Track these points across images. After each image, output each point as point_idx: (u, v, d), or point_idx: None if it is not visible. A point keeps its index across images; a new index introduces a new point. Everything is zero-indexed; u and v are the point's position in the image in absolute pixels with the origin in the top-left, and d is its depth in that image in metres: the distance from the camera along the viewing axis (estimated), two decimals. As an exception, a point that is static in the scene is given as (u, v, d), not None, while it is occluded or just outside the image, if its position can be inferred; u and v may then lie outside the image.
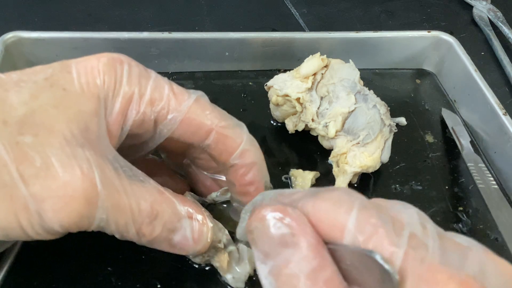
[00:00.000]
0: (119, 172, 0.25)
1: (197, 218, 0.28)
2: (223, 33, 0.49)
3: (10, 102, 0.24)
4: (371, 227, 0.19)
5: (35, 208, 0.22)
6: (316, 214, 0.20)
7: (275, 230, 0.20)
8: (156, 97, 0.27)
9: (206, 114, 0.29)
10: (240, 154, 0.29)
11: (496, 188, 0.40)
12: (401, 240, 0.19)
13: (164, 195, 0.27)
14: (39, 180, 0.22)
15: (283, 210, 0.20)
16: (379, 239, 0.19)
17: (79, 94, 0.25)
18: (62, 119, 0.24)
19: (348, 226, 0.19)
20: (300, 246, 0.19)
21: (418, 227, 0.19)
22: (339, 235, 0.19)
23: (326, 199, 0.20)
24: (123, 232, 0.25)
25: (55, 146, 0.23)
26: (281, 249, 0.20)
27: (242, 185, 0.30)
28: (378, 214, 0.19)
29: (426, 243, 0.19)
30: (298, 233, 0.20)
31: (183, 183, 0.36)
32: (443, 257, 0.19)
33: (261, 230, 0.21)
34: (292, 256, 0.19)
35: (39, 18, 0.54)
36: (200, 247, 0.29)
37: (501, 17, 0.62)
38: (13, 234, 0.23)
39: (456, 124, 0.47)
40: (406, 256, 0.18)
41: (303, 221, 0.20)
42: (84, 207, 0.23)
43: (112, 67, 0.27)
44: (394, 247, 0.18)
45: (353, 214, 0.19)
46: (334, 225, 0.20)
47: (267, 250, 0.20)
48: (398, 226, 0.19)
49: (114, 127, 0.27)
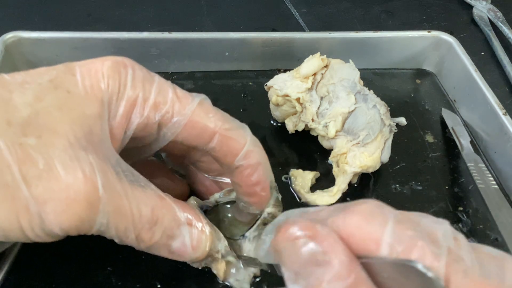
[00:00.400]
0: (121, 177, 0.25)
1: (197, 225, 0.28)
2: (223, 33, 0.49)
3: (14, 103, 0.24)
4: (409, 238, 0.19)
5: (36, 210, 0.22)
6: (347, 229, 0.20)
7: (305, 248, 0.19)
8: (160, 101, 0.28)
9: (209, 117, 0.29)
10: (244, 155, 0.29)
11: (496, 188, 0.40)
12: (441, 251, 0.18)
13: (165, 201, 0.27)
14: (41, 182, 0.22)
15: (312, 228, 0.20)
16: (419, 249, 0.18)
17: (83, 97, 0.25)
18: (65, 121, 0.24)
19: (385, 238, 0.19)
20: (333, 264, 0.19)
21: (451, 240, 0.19)
22: (374, 247, 0.19)
23: (356, 212, 0.20)
24: (122, 237, 0.25)
25: (59, 148, 0.23)
26: (313, 268, 0.19)
27: (248, 186, 0.30)
28: (414, 227, 0.19)
29: (463, 257, 0.18)
30: (329, 251, 0.19)
31: (183, 184, 0.36)
32: (482, 269, 0.18)
33: (290, 250, 0.20)
34: (324, 275, 0.19)
35: (39, 18, 0.54)
36: (198, 254, 0.28)
37: (501, 17, 0.62)
38: (12, 235, 0.23)
39: (456, 124, 0.47)
40: (449, 267, 0.18)
41: (334, 238, 0.19)
42: (85, 210, 0.23)
43: (116, 71, 0.27)
44: (436, 256, 0.18)
45: (389, 226, 0.19)
46: (368, 238, 0.19)
47: (297, 269, 0.20)
48: (434, 239, 0.19)
49: (117, 130, 0.27)
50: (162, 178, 0.35)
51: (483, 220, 0.40)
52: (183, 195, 0.35)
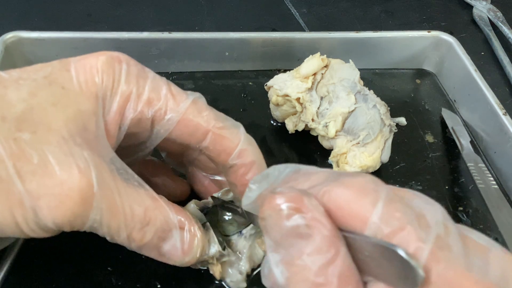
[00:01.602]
0: (115, 174, 0.25)
1: (189, 229, 0.28)
2: (223, 33, 0.49)
3: (8, 99, 0.24)
4: (397, 221, 0.18)
5: (31, 204, 0.22)
6: (337, 202, 0.19)
7: (289, 221, 0.19)
8: (153, 97, 0.28)
9: (203, 115, 0.29)
10: (238, 154, 0.29)
11: (496, 188, 0.40)
12: (428, 237, 0.18)
13: (158, 202, 0.27)
14: (35, 177, 0.22)
15: (299, 200, 0.19)
16: (405, 234, 0.18)
17: (77, 93, 0.25)
18: (60, 117, 0.24)
19: (373, 218, 0.18)
20: (314, 238, 0.19)
21: (441, 226, 0.19)
22: (361, 225, 0.19)
23: (349, 186, 0.19)
24: (114, 235, 0.25)
25: (53, 144, 0.23)
26: (295, 240, 0.19)
27: (243, 185, 0.30)
28: (404, 209, 0.19)
29: (450, 244, 0.18)
30: (313, 225, 0.19)
31: (184, 184, 0.36)
32: (467, 260, 0.18)
33: (274, 219, 0.20)
34: (305, 248, 0.19)
35: (39, 18, 0.54)
36: (188, 259, 0.28)
37: (501, 17, 0.62)
38: (7, 230, 0.23)
39: (456, 124, 0.47)
40: (432, 255, 0.18)
41: (319, 212, 0.19)
42: (79, 206, 0.23)
43: (110, 66, 0.27)
44: (421, 243, 0.18)
45: (378, 205, 0.19)
46: (356, 215, 0.19)
47: (279, 240, 0.20)
48: (423, 223, 0.19)
49: (112, 126, 0.27)
50: (163, 177, 0.35)
51: (483, 220, 0.40)
52: (184, 194, 0.35)
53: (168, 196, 0.29)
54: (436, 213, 0.19)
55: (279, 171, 0.23)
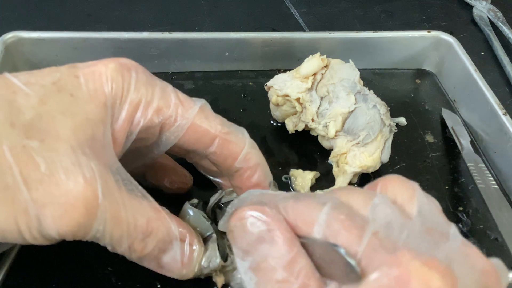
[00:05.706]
0: (120, 185, 0.25)
1: (189, 242, 0.28)
2: (223, 33, 0.49)
3: (17, 105, 0.23)
4: (339, 222, 0.21)
5: (35, 212, 0.22)
6: (294, 212, 0.22)
7: (252, 227, 0.22)
8: (163, 105, 0.28)
9: (210, 121, 0.29)
10: (244, 158, 0.30)
11: (496, 188, 0.40)
12: (365, 233, 0.20)
13: (160, 214, 0.27)
14: (42, 185, 0.22)
15: (261, 209, 0.22)
16: (346, 234, 0.20)
17: (86, 101, 0.25)
18: (68, 126, 0.24)
19: (319, 221, 0.21)
20: (276, 240, 0.21)
21: (379, 222, 0.21)
22: (309, 229, 0.21)
23: (304, 200, 0.22)
24: (115, 245, 0.25)
25: (61, 152, 0.23)
26: (259, 245, 0.22)
27: (248, 188, 0.30)
28: (348, 211, 0.21)
29: (389, 235, 0.20)
30: (273, 228, 0.22)
31: (186, 175, 0.36)
32: (412, 244, 0.20)
33: (240, 228, 0.23)
34: (269, 251, 0.21)
35: (39, 18, 0.54)
36: (186, 271, 0.29)
37: (501, 17, 0.62)
38: (10, 237, 0.23)
39: (456, 124, 0.47)
40: (370, 247, 0.20)
41: (278, 218, 0.22)
42: (83, 216, 0.23)
43: (119, 74, 0.27)
44: (358, 240, 0.20)
45: (324, 210, 0.21)
46: (307, 220, 0.21)
47: (245, 247, 0.22)
48: (363, 221, 0.21)
49: (120, 134, 0.27)
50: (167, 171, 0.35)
51: (483, 220, 0.40)
52: (186, 185, 0.36)
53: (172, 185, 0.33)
54: (376, 208, 0.22)
55: (249, 193, 0.26)
